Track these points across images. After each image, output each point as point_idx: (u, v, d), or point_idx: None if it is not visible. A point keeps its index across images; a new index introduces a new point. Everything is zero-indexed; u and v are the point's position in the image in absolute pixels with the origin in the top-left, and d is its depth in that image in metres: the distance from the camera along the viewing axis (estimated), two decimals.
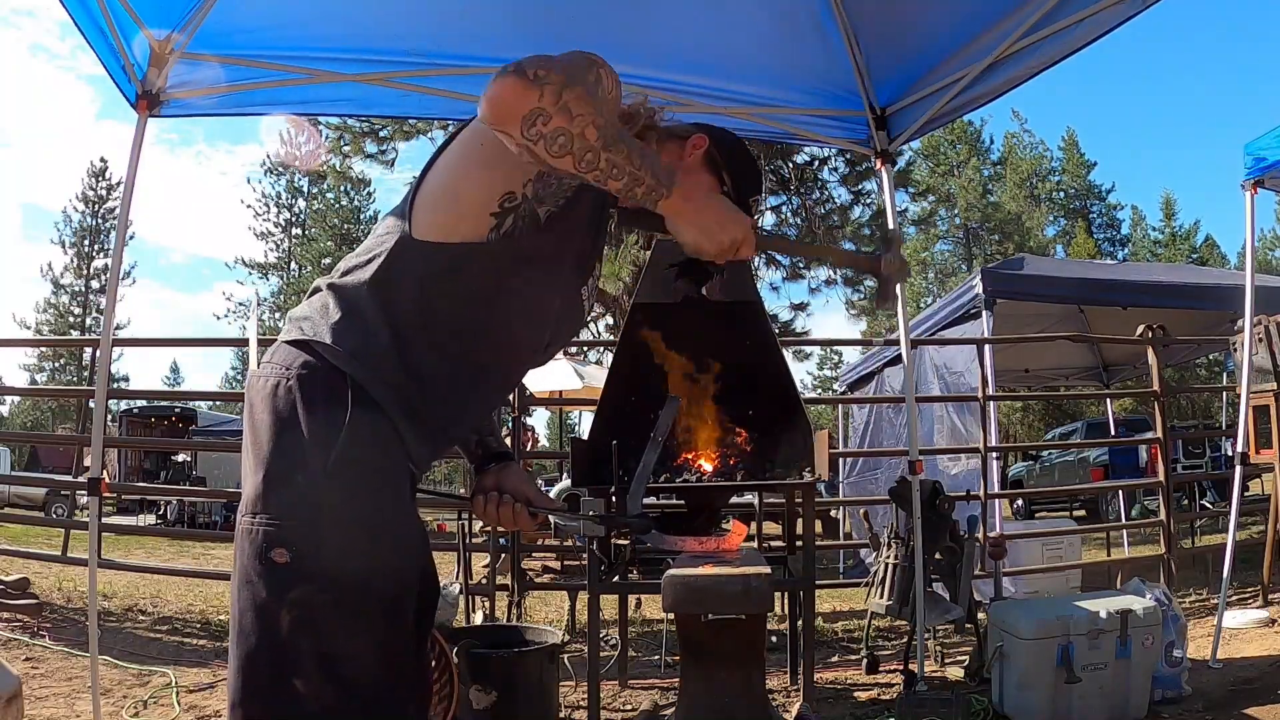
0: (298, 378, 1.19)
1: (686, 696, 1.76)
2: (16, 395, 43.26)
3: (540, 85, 1.07)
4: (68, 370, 33.75)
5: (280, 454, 1.16)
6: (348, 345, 1.21)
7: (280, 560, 1.12)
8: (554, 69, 1.09)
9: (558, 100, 1.07)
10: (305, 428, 1.16)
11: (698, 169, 1.43)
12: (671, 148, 1.43)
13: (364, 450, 1.17)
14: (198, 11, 2.87)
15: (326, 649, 1.12)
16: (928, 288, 31.80)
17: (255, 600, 1.13)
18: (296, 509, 1.14)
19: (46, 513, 12.61)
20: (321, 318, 1.25)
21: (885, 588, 3.77)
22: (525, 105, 1.07)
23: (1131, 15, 2.58)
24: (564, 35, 3.37)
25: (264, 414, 1.19)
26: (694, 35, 3.39)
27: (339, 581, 1.13)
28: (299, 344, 1.23)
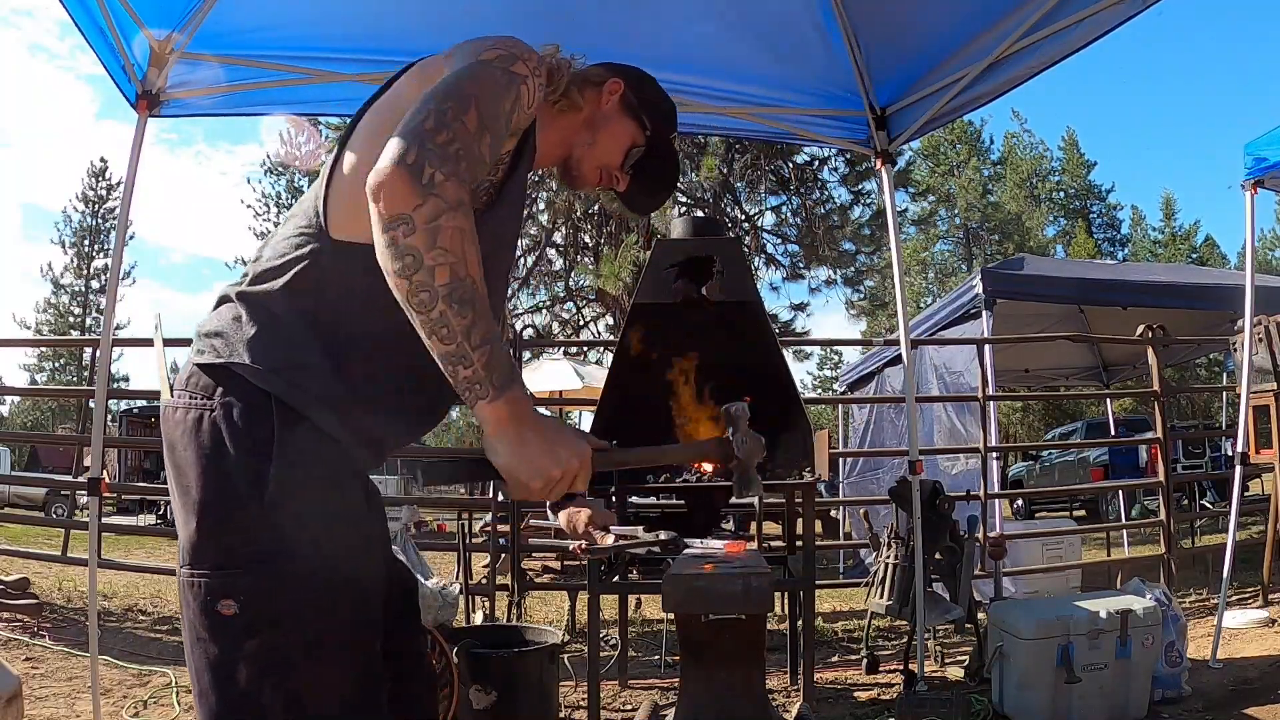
0: (221, 407, 1.08)
1: (686, 696, 1.76)
2: (16, 395, 43.30)
3: (426, 194, 0.97)
4: (68, 370, 33.74)
5: (211, 497, 1.06)
6: (268, 361, 1.10)
7: (227, 613, 1.04)
8: (451, 179, 0.99)
9: (433, 219, 0.97)
10: (235, 463, 1.06)
11: (616, 115, 1.42)
12: (589, 95, 1.41)
13: (301, 474, 1.08)
14: (198, 11, 2.87)
15: (292, 698, 1.05)
16: (928, 288, 31.81)
17: (209, 658, 1.05)
18: (237, 555, 1.05)
19: (46, 513, 12.61)
20: (235, 333, 1.13)
21: (885, 588, 3.77)
22: (399, 206, 0.97)
23: (1131, 15, 2.58)
24: (563, 36, 3.37)
25: (188, 453, 1.09)
26: (694, 35, 3.38)
27: (294, 626, 1.05)
28: (215, 367, 1.11)
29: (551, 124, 1.37)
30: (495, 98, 1.12)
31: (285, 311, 1.14)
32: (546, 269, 13.53)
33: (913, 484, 3.56)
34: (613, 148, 1.42)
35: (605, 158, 1.43)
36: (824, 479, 3.30)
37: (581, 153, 1.41)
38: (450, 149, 1.01)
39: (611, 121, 1.42)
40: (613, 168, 1.44)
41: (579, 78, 1.41)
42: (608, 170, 1.44)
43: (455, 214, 0.99)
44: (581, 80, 1.41)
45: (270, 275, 1.16)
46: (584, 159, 1.41)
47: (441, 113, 1.04)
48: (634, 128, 1.43)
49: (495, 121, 1.11)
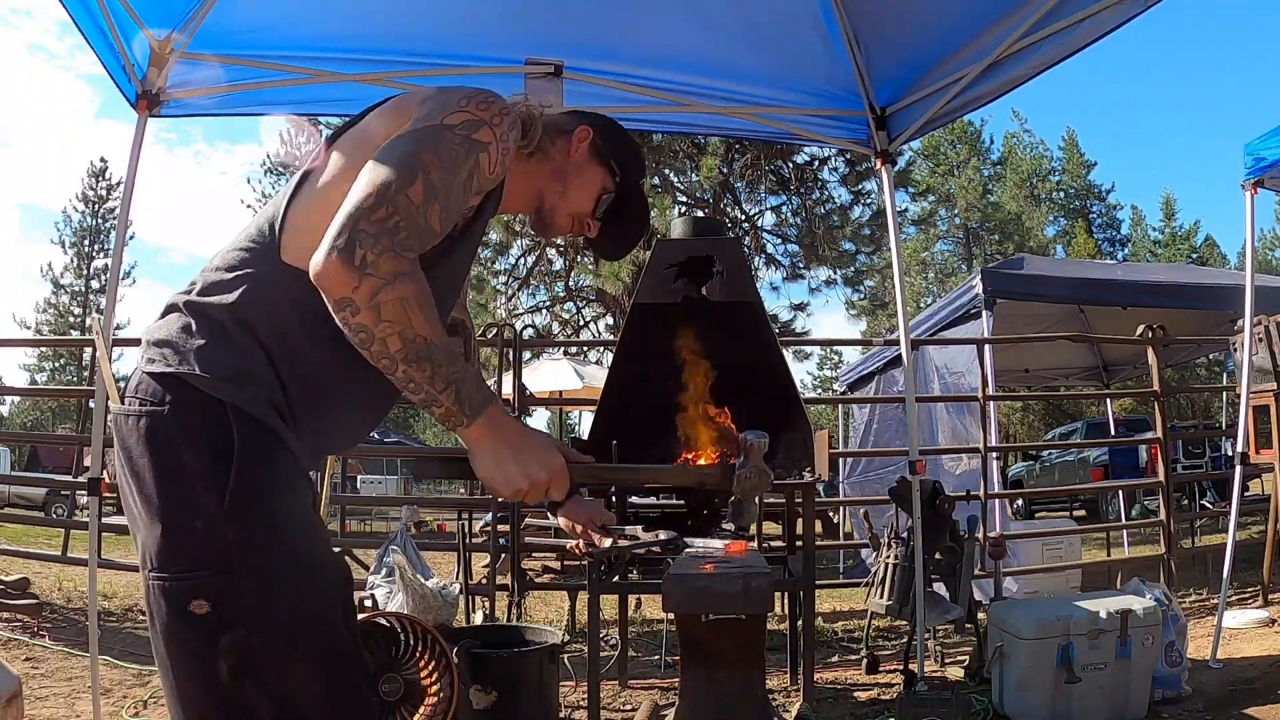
0: (173, 414, 1.11)
1: (686, 696, 1.76)
2: (16, 395, 43.28)
3: (359, 276, 1.03)
4: (68, 370, 33.73)
5: (173, 501, 1.10)
6: (220, 370, 1.14)
7: (200, 611, 1.07)
8: (385, 255, 1.04)
9: (372, 298, 1.04)
10: (192, 467, 1.10)
11: (586, 162, 1.44)
12: (559, 144, 1.42)
13: (258, 476, 1.12)
14: (198, 11, 2.88)
15: (273, 687, 1.09)
16: (928, 288, 31.80)
17: (187, 659, 1.09)
18: (204, 555, 1.08)
19: (46, 513, 12.60)
20: (185, 343, 1.16)
21: (885, 588, 3.77)
22: (339, 292, 1.04)
23: (1132, 16, 2.58)
24: (563, 36, 3.38)
25: (144, 459, 1.11)
26: (694, 35, 3.39)
27: (266, 615, 1.09)
28: (166, 376, 1.14)
29: (522, 173, 1.39)
30: (450, 168, 1.15)
31: (233, 324, 1.17)
32: (546, 269, 13.54)
33: (913, 484, 3.56)
34: (584, 195, 1.44)
35: (577, 205, 1.45)
36: (824, 479, 3.30)
37: (554, 202, 1.44)
38: (388, 224, 1.06)
39: (582, 169, 1.44)
40: (584, 215, 1.46)
41: (550, 126, 1.42)
42: (579, 218, 1.46)
43: (393, 287, 1.05)
44: (553, 129, 1.42)
45: (219, 288, 1.19)
46: (556, 208, 1.44)
47: (385, 186, 1.08)
48: (603, 174, 1.45)
49: (447, 191, 1.14)
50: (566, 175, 1.43)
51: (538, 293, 13.77)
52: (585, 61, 3.43)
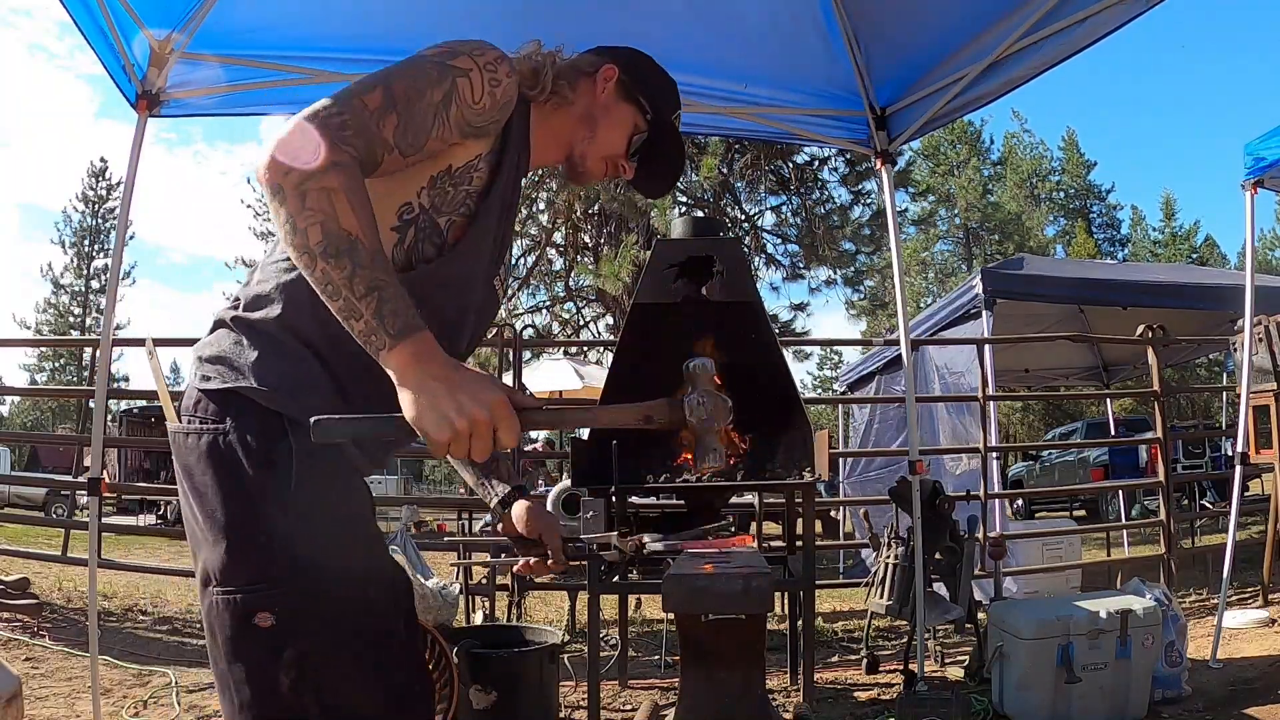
0: (234, 430, 1.10)
1: (686, 696, 1.76)
2: (16, 395, 43.29)
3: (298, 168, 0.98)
4: (68, 370, 33.74)
5: (238, 517, 1.08)
6: (276, 383, 1.12)
7: (265, 625, 1.06)
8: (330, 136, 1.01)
9: (300, 184, 0.98)
10: (254, 482, 1.08)
11: (614, 103, 1.39)
12: (583, 87, 1.37)
13: (319, 487, 1.10)
14: (198, 11, 2.87)
15: (331, 698, 1.08)
16: (928, 288, 31.80)
17: (249, 672, 1.07)
18: (269, 569, 1.07)
19: (46, 513, 12.61)
20: (239, 358, 1.14)
21: (885, 588, 3.77)
22: (272, 178, 0.99)
23: (1132, 17, 2.58)
24: (563, 36, 3.37)
25: (205, 476, 1.10)
26: (694, 35, 3.38)
27: (328, 627, 1.08)
28: (223, 392, 1.12)
29: (545, 124, 1.35)
30: (417, 84, 1.12)
31: (284, 335, 1.15)
32: (546, 269, 13.54)
33: (913, 484, 3.56)
34: (615, 137, 1.38)
35: (608, 148, 1.39)
36: (824, 479, 3.30)
37: (584, 149, 1.38)
38: (332, 120, 1.03)
39: (610, 111, 1.38)
40: (617, 157, 1.40)
41: (568, 70, 1.36)
42: (613, 160, 1.41)
43: (323, 175, 0.99)
44: (572, 72, 1.36)
45: (264, 301, 1.17)
46: (587, 154, 1.38)
47: (343, 94, 1.06)
48: (633, 112, 1.40)
49: (409, 105, 1.10)
50: (594, 118, 1.37)
51: (538, 293, 13.78)
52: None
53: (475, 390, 0.98)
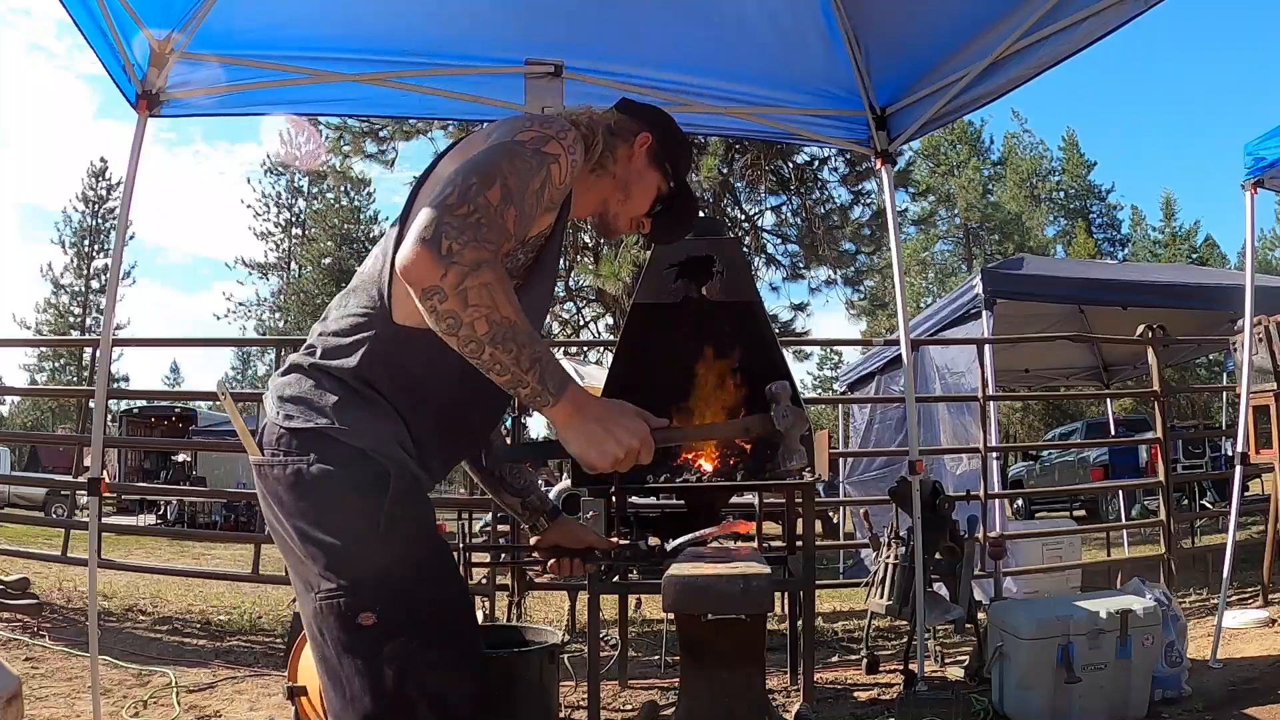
0: (319, 462, 1.26)
1: (686, 697, 1.76)
2: (16, 395, 43.27)
3: (446, 264, 1.11)
4: (68, 370, 33.75)
5: (333, 535, 1.24)
6: (355, 423, 1.28)
7: (368, 623, 1.22)
8: (469, 246, 1.12)
9: (459, 284, 1.11)
10: (350, 504, 1.25)
11: (645, 168, 1.54)
12: (621, 153, 1.52)
13: (404, 507, 1.27)
14: (198, 11, 2.88)
15: (430, 687, 1.23)
16: (928, 288, 31.81)
17: (357, 666, 1.22)
18: (366, 575, 1.23)
19: (46, 513, 12.61)
20: (319, 399, 1.31)
21: (885, 588, 3.77)
22: (427, 280, 1.11)
23: (1132, 17, 2.57)
24: (563, 35, 3.38)
25: (298, 504, 1.27)
26: (694, 35, 3.39)
27: (419, 624, 1.24)
28: (306, 431, 1.28)
29: (588, 188, 1.51)
30: (524, 177, 1.23)
31: (359, 384, 1.31)
32: None
33: (913, 484, 3.56)
34: (643, 200, 1.56)
35: (637, 210, 1.56)
36: (824, 479, 3.30)
37: (617, 209, 1.55)
38: (470, 219, 1.14)
39: (642, 175, 1.54)
40: (641, 216, 1.58)
41: (610, 136, 1.50)
42: (637, 219, 1.58)
43: (478, 274, 1.12)
44: (613, 139, 1.51)
45: (340, 352, 1.34)
46: (620, 214, 1.56)
47: (466, 188, 1.17)
48: (660, 177, 1.56)
49: (522, 198, 1.22)
50: (629, 184, 1.54)
51: None
52: (585, 61, 3.43)
53: (626, 425, 1.23)
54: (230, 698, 3.57)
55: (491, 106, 3.49)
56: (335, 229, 34.05)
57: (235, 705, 3.47)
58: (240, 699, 3.56)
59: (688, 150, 1.62)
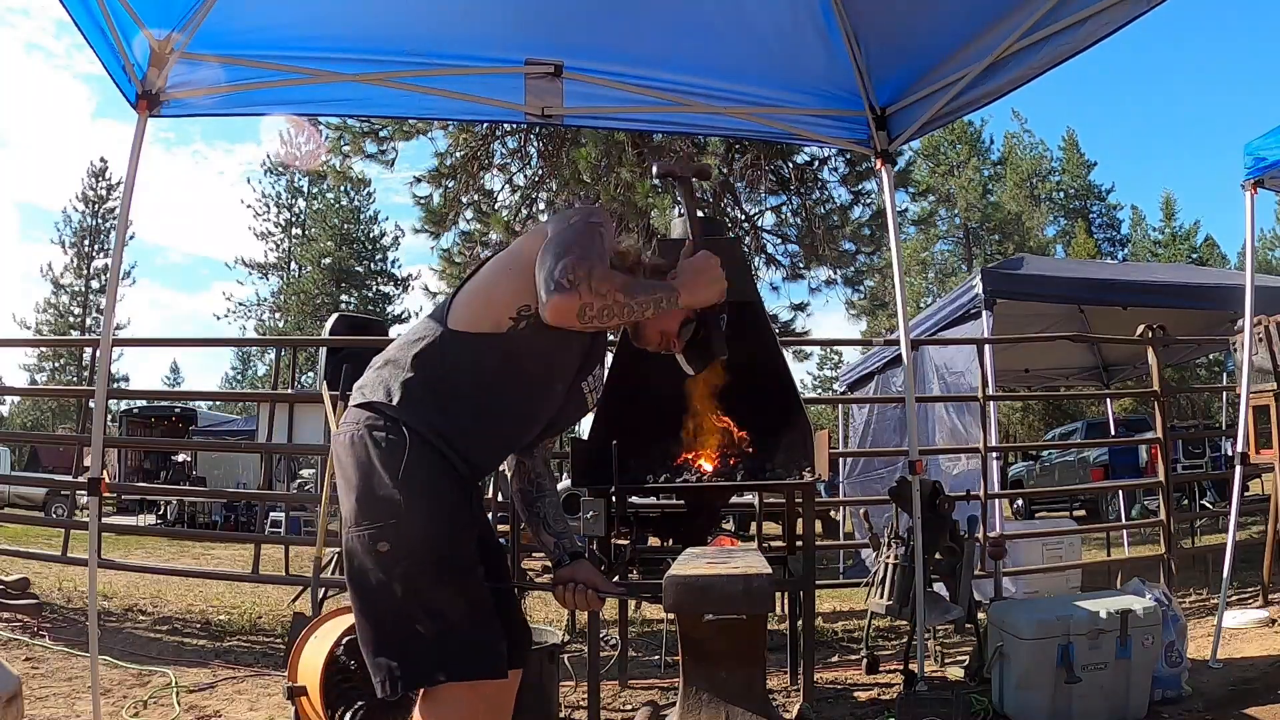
0: (366, 428, 1.62)
1: (687, 697, 1.76)
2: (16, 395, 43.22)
3: (577, 290, 1.51)
4: (68, 370, 33.72)
5: (364, 481, 1.59)
6: (398, 398, 1.63)
7: (384, 550, 1.54)
8: (579, 266, 1.53)
9: (591, 290, 1.52)
10: (376, 459, 1.58)
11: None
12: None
13: (419, 467, 1.58)
14: (198, 11, 2.87)
15: (429, 602, 1.54)
16: (928, 288, 31.80)
17: (376, 581, 1.55)
18: (384, 514, 1.55)
19: (46, 513, 12.60)
20: (379, 384, 1.68)
21: (885, 588, 3.76)
22: (575, 310, 1.53)
23: (1133, 18, 2.57)
24: (563, 36, 3.38)
25: (347, 458, 1.62)
26: (694, 35, 3.39)
27: (424, 555, 1.55)
28: (363, 405, 1.66)
29: None
30: (590, 237, 1.63)
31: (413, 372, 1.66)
32: None
33: (913, 484, 3.56)
34: (669, 322, 1.82)
35: (663, 326, 1.83)
36: (824, 479, 3.29)
37: (646, 324, 1.82)
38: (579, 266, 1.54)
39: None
40: (669, 335, 1.84)
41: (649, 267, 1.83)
42: (666, 335, 1.84)
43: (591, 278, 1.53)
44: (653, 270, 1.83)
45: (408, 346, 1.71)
46: (647, 327, 1.84)
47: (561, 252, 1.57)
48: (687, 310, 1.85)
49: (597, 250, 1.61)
50: None
51: None
52: (585, 61, 3.43)
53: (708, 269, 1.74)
54: (230, 698, 3.57)
55: (491, 106, 3.49)
56: (335, 229, 34.02)
57: (235, 705, 3.47)
58: (240, 699, 3.56)
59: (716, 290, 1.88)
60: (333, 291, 33.13)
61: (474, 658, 1.56)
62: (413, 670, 1.54)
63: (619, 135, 9.78)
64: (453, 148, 12.00)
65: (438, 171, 11.98)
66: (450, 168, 11.86)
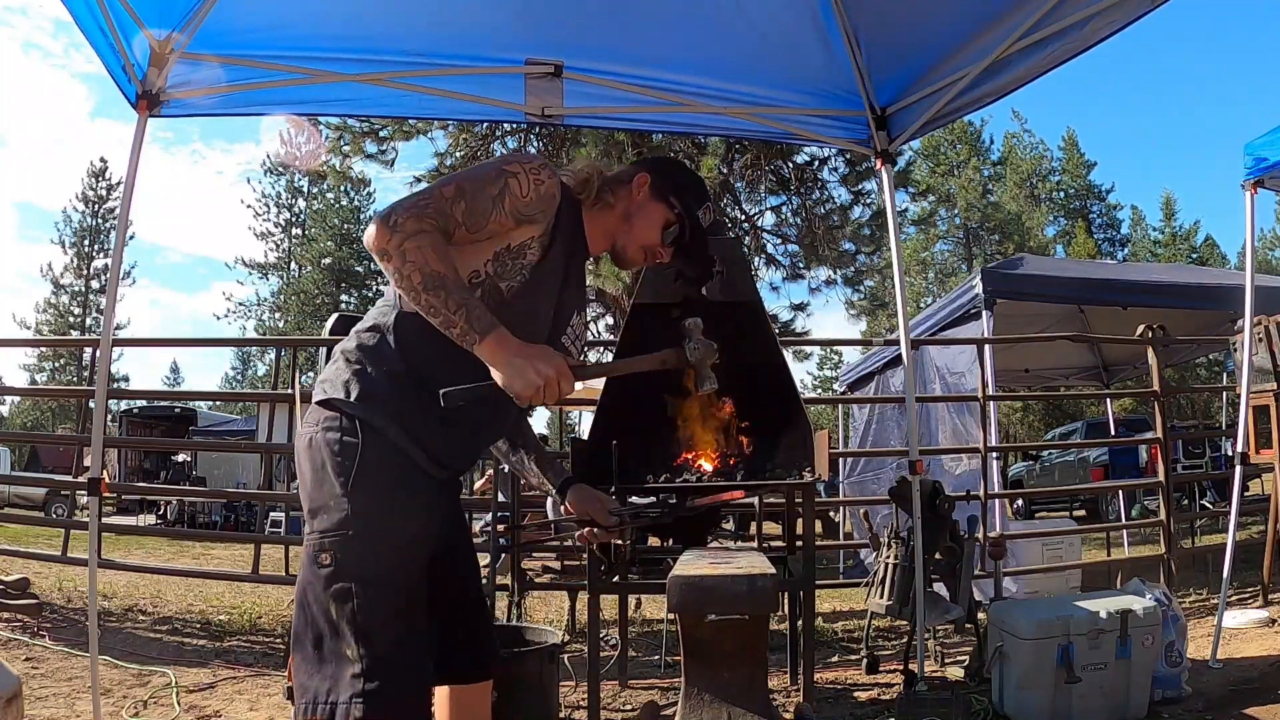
0: (324, 430, 1.53)
1: (688, 697, 1.76)
2: (16, 395, 43.23)
3: (392, 231, 1.43)
4: (68, 370, 33.74)
5: (317, 488, 1.51)
6: (357, 394, 1.53)
7: (325, 564, 1.48)
8: (410, 218, 1.44)
9: (400, 245, 1.43)
10: (330, 466, 1.50)
11: (647, 202, 1.76)
12: (621, 193, 1.75)
13: (375, 475, 1.49)
14: (198, 11, 2.87)
15: (361, 627, 1.46)
16: (928, 288, 31.81)
17: (313, 596, 1.49)
18: (332, 525, 1.48)
19: (46, 513, 12.61)
20: (337, 378, 1.57)
21: (885, 588, 3.76)
22: (378, 245, 1.44)
23: (1133, 19, 2.57)
24: (563, 36, 3.37)
25: (305, 462, 1.55)
26: (694, 35, 3.38)
27: (364, 575, 1.47)
28: (322, 403, 1.57)
29: (593, 221, 1.75)
30: (480, 182, 1.54)
31: (370, 361, 1.57)
32: None
33: (913, 484, 3.56)
34: (648, 230, 1.76)
35: (644, 239, 1.77)
36: (824, 479, 3.29)
37: (624, 240, 1.77)
38: (418, 203, 1.47)
39: (644, 209, 1.76)
40: (653, 245, 1.77)
41: (612, 181, 1.75)
42: (649, 248, 1.78)
43: (416, 239, 1.44)
44: (615, 182, 1.75)
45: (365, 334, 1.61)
46: (627, 244, 1.77)
47: (427, 188, 1.51)
48: (664, 209, 1.76)
49: (474, 196, 1.52)
50: (631, 217, 1.76)
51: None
52: (585, 61, 3.43)
53: (543, 359, 1.46)
54: (230, 698, 3.57)
55: (491, 106, 3.49)
56: (335, 229, 34.03)
57: (235, 705, 3.47)
58: (240, 699, 3.56)
59: (690, 185, 1.80)
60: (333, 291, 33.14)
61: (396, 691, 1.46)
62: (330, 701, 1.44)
63: (619, 135, 9.77)
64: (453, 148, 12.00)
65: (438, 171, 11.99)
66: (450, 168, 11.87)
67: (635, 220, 1.75)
